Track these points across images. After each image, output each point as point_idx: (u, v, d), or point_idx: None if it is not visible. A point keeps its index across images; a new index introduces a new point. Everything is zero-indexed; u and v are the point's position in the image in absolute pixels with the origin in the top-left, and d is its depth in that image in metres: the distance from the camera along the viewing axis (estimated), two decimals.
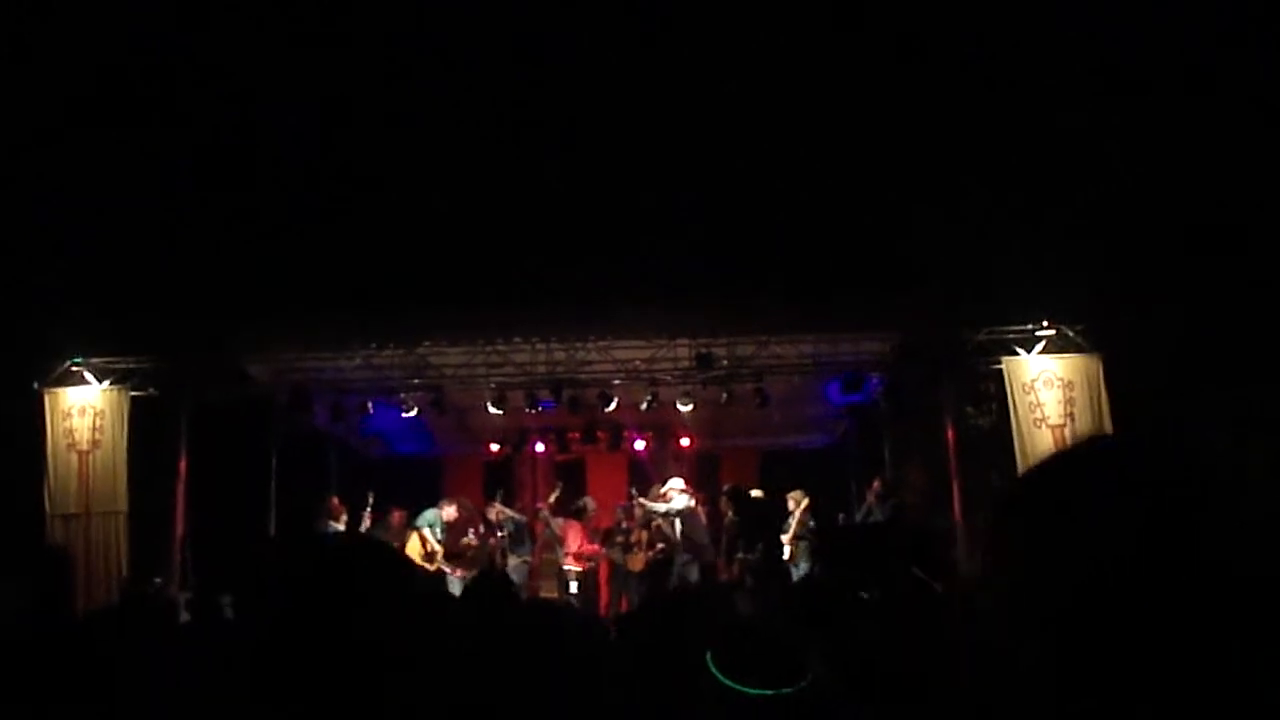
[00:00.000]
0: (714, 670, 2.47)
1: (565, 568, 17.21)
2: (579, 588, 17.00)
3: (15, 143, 16.21)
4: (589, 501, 18.00)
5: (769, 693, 2.40)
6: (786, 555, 16.72)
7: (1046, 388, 16.06)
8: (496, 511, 17.93)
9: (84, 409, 16.39)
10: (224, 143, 17.67)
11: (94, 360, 16.44)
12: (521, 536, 17.87)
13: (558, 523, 17.71)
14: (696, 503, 17.75)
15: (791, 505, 17.06)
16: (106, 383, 16.47)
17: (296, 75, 17.38)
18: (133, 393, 16.52)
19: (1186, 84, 16.11)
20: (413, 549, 16.59)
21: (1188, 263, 15.93)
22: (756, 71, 17.73)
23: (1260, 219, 15.56)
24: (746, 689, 2.41)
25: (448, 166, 18.16)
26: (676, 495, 17.32)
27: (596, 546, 17.50)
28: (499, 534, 17.83)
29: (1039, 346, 16.20)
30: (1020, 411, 16.00)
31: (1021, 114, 17.16)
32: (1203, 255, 15.90)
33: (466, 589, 6.56)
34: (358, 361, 17.15)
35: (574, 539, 17.38)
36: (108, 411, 16.37)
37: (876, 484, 16.89)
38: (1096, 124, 16.81)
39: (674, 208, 17.83)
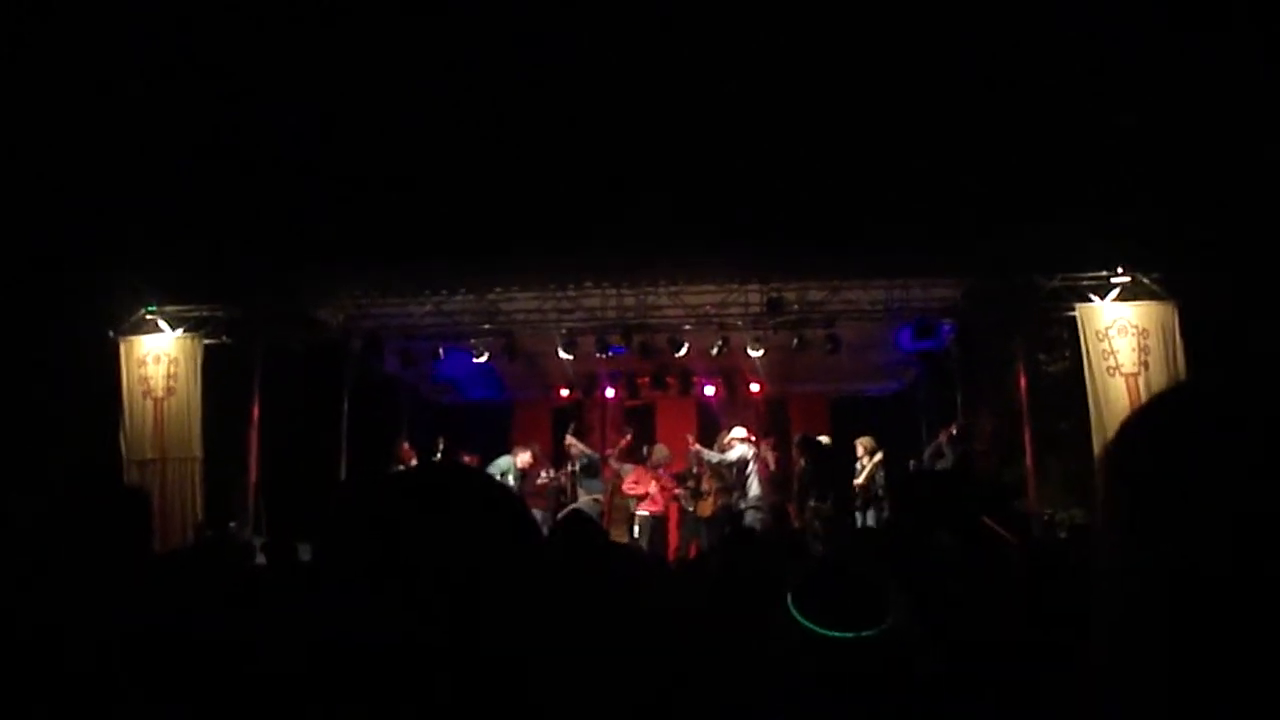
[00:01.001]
0: (794, 612, 2.44)
1: (636, 513, 17.20)
2: (649, 532, 16.99)
3: (85, 93, 16.35)
4: (661, 448, 17.96)
5: (849, 636, 2.36)
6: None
7: (1121, 335, 15.88)
8: (570, 444, 17.94)
9: (158, 356, 16.54)
10: (296, 93, 17.73)
11: (168, 308, 16.57)
12: (594, 470, 17.86)
13: (626, 469, 17.73)
14: (765, 449, 17.73)
15: (860, 452, 16.99)
16: (180, 330, 16.60)
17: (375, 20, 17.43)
18: (206, 340, 16.64)
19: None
20: None
21: (1268, 211, 15.65)
22: (834, 14, 17.58)
23: None
24: (827, 632, 2.37)
25: (519, 113, 18.14)
26: (737, 444, 17.28)
27: (666, 492, 17.46)
28: (571, 468, 17.89)
29: (1114, 293, 16.01)
30: (1093, 359, 15.85)
31: (1104, 57, 16.92)
32: None
33: (555, 527, 6.59)
34: (428, 308, 17.22)
35: (642, 484, 17.38)
36: (181, 359, 16.51)
37: (953, 427, 16.79)
38: (1178, 70, 16.55)
39: (746, 152, 17.71)
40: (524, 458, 17.16)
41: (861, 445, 17.05)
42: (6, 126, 15.78)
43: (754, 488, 16.89)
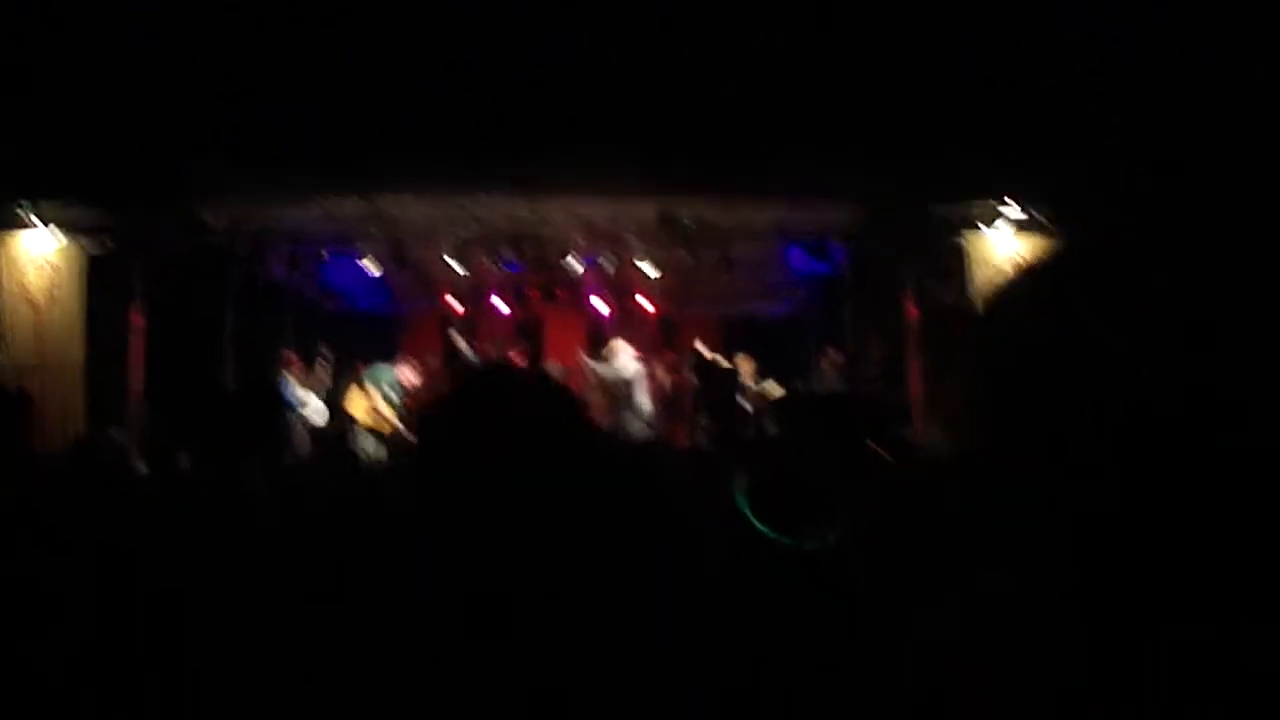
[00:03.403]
0: (745, 510, 2.34)
1: None
2: None
3: None
4: (556, 365, 17.85)
5: (795, 543, 2.28)
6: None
7: (1011, 267, 16.06)
8: (455, 339, 17.54)
9: (40, 262, 16.15)
10: None
11: (48, 210, 16.12)
12: None
13: None
14: (661, 370, 17.71)
15: (745, 370, 16.99)
16: (62, 234, 16.19)
17: None
18: (88, 245, 16.26)
19: None
20: (354, 404, 16.48)
21: (1166, 153, 15.83)
22: None
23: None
24: (778, 536, 2.28)
25: (415, 12, 17.81)
26: (624, 357, 17.09)
27: None
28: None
29: (1004, 225, 16.16)
30: (983, 290, 16.02)
31: None
32: (1183, 151, 15.80)
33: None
34: (316, 212, 16.89)
35: None
36: (63, 264, 16.14)
37: (832, 353, 16.87)
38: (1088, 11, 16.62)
39: (647, 64, 17.55)
40: (409, 375, 16.88)
41: (741, 362, 17.04)
42: None
43: (645, 404, 16.82)
